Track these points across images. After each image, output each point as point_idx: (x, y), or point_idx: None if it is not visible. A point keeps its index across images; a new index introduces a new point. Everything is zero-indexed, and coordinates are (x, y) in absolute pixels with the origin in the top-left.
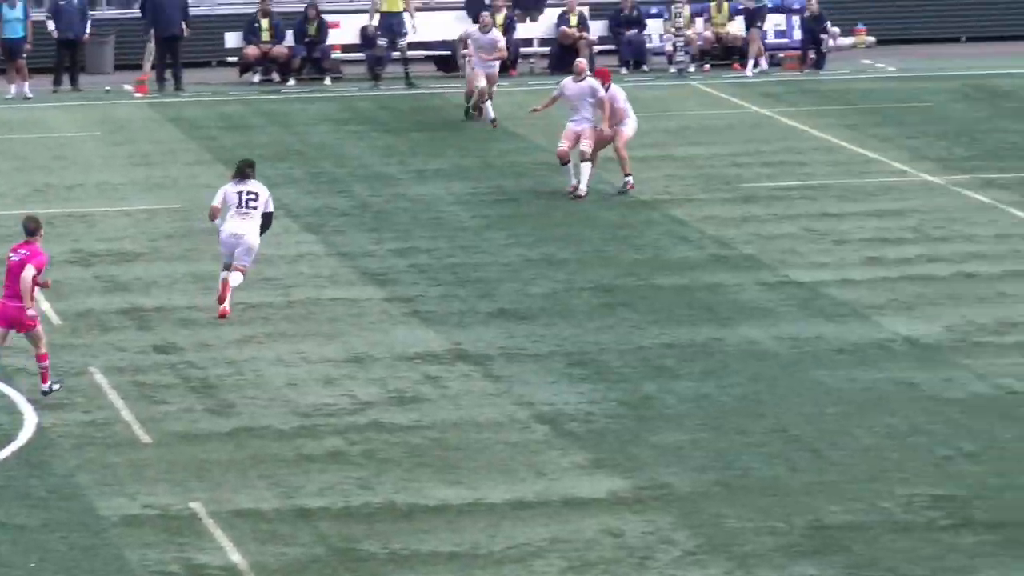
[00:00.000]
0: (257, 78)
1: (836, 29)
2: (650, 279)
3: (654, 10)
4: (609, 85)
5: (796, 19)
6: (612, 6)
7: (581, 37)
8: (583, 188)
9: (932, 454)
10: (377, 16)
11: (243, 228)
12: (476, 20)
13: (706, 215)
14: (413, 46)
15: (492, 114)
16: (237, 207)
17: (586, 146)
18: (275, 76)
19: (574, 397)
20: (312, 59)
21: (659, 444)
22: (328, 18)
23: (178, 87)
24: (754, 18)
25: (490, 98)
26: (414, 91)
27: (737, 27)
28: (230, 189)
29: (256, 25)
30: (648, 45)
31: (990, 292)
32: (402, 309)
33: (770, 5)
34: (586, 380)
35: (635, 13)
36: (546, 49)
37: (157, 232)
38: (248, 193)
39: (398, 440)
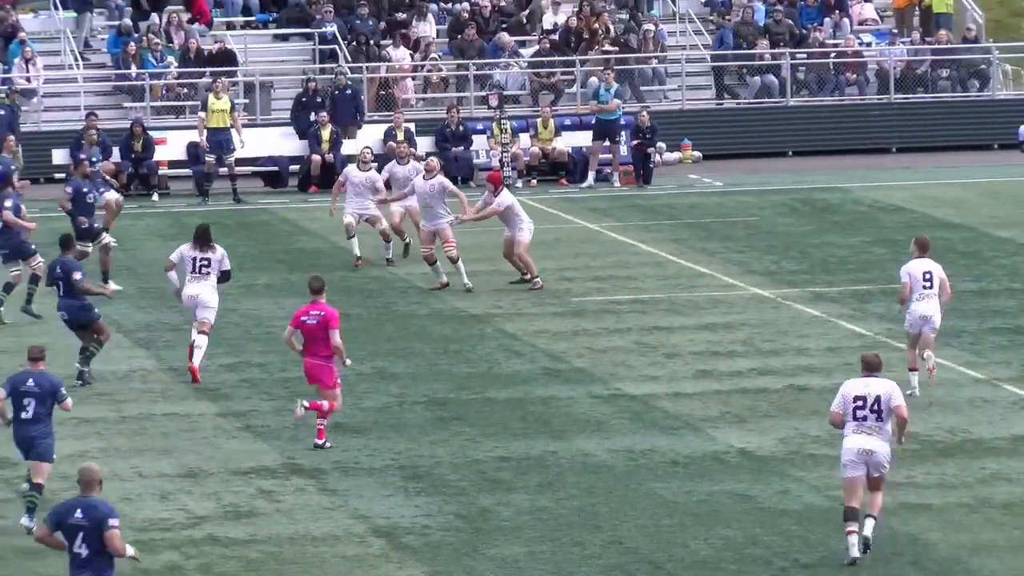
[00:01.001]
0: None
1: (663, 145)
2: (484, 392)
3: (480, 126)
4: (500, 190)
5: (625, 134)
6: (438, 122)
7: (410, 152)
8: (467, 283)
9: (769, 566)
10: (205, 132)
11: (198, 290)
12: (302, 136)
13: (537, 329)
14: (240, 162)
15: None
16: (192, 271)
17: (451, 250)
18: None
19: (410, 511)
20: (139, 175)
21: (496, 557)
22: (154, 134)
23: None
24: (608, 132)
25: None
26: (242, 206)
27: (563, 143)
28: (187, 252)
29: (82, 142)
30: (475, 161)
31: (822, 405)
32: (235, 423)
33: (624, 122)
34: (422, 493)
35: (461, 129)
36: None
37: None
38: (202, 259)
39: (234, 554)
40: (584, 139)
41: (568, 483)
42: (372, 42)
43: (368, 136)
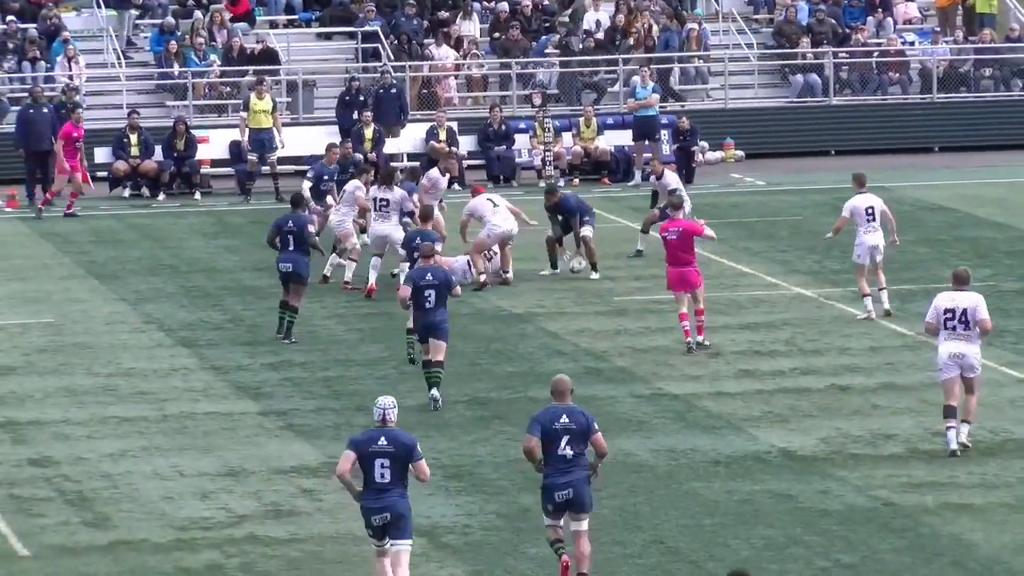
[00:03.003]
0: (127, 193)
1: (705, 144)
2: (526, 392)
3: (522, 125)
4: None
5: (666, 134)
6: (480, 121)
7: (451, 152)
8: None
9: (810, 566)
10: (247, 131)
11: (386, 229)
12: (345, 135)
13: (579, 328)
14: (283, 160)
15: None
16: (376, 210)
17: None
18: (145, 191)
19: (451, 510)
20: (181, 173)
21: (537, 556)
22: (197, 133)
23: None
24: (648, 131)
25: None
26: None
27: (605, 142)
28: (373, 193)
29: (125, 140)
30: (517, 160)
31: (864, 404)
32: (277, 423)
33: (665, 120)
34: (463, 492)
35: (503, 128)
36: (416, 163)
37: (30, 346)
38: (381, 200)
39: (275, 553)
40: (627, 138)
41: (610, 482)
42: (415, 41)
43: (411, 135)
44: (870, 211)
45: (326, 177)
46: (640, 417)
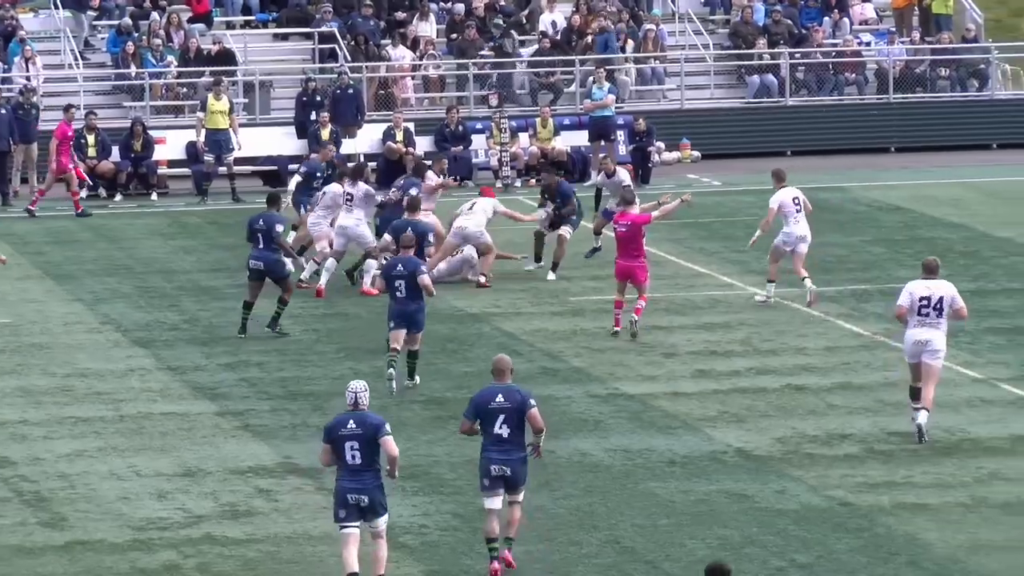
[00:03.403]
0: (84, 193)
1: (661, 144)
2: None
3: (479, 126)
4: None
5: (622, 134)
6: (437, 121)
7: (408, 152)
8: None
9: (766, 566)
10: (203, 132)
11: (347, 221)
12: (302, 135)
13: (535, 328)
14: (240, 161)
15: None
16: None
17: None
18: (102, 191)
19: (407, 510)
20: (138, 174)
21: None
22: (154, 134)
23: (5, 202)
24: (604, 131)
25: None
26: (241, 206)
27: (562, 142)
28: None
29: (83, 141)
30: (474, 160)
31: (820, 404)
32: (233, 423)
33: (621, 120)
34: (419, 493)
35: (460, 128)
36: (372, 164)
37: None
38: (346, 194)
39: (232, 554)
40: (583, 139)
41: (566, 482)
42: (372, 42)
43: (368, 136)
44: (796, 201)
45: (319, 174)
46: (596, 417)
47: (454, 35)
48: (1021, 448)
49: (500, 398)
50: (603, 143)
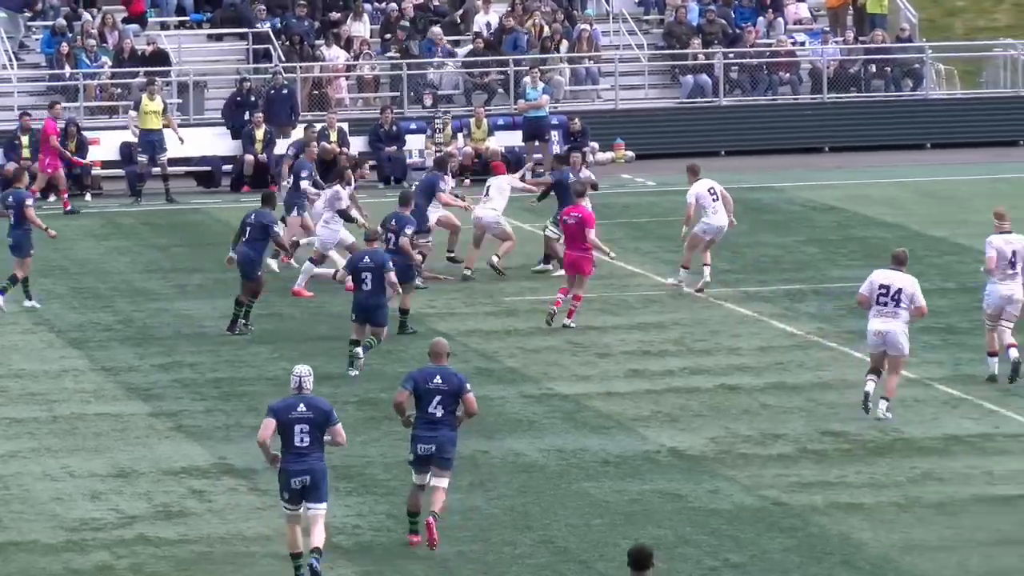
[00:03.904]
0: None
1: (596, 144)
2: None
3: (413, 126)
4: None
5: (556, 134)
6: (371, 122)
7: (342, 152)
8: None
9: (700, 565)
10: (137, 131)
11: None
12: (236, 136)
13: (470, 328)
14: (173, 162)
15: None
16: None
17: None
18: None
19: (341, 511)
20: (73, 175)
21: (427, 557)
22: (88, 135)
23: None
24: (538, 131)
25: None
26: (175, 206)
27: (496, 142)
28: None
29: (16, 142)
30: (408, 161)
31: (753, 404)
32: (167, 424)
33: (555, 121)
34: (353, 493)
35: (394, 129)
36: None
37: None
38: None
39: (165, 554)
40: (517, 139)
41: (499, 483)
42: (306, 42)
43: (302, 136)
44: (713, 191)
45: (308, 173)
46: (530, 417)
47: (388, 35)
48: (954, 448)
49: (438, 379)
50: (537, 143)
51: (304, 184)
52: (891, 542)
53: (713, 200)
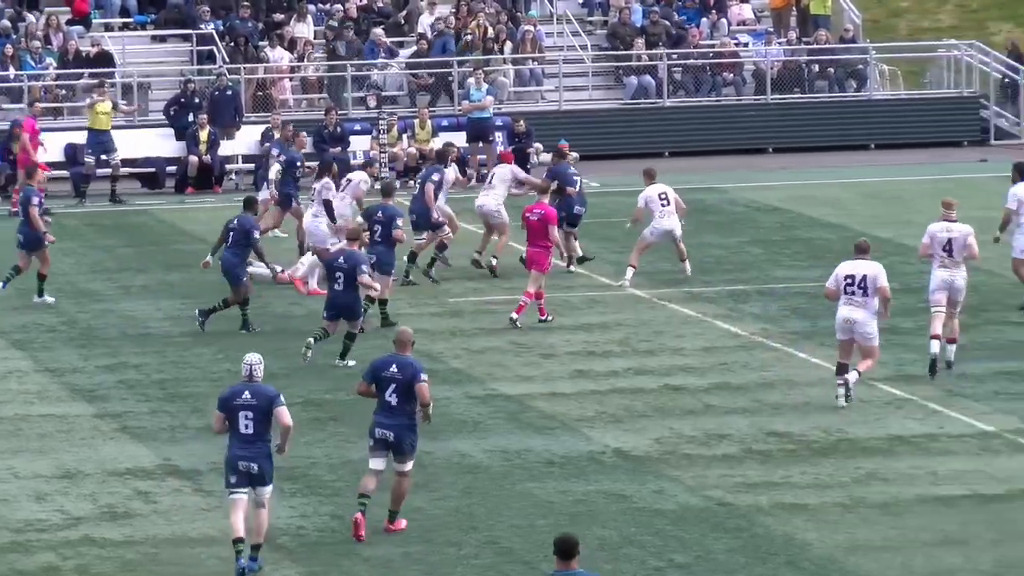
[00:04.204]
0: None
1: (540, 145)
2: None
3: (357, 127)
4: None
5: (501, 135)
6: (316, 123)
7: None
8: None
9: (644, 566)
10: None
11: (306, 218)
12: (180, 137)
13: (414, 328)
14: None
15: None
16: None
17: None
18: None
19: (285, 511)
20: (16, 177)
21: (372, 557)
22: None
23: None
24: (482, 132)
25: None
26: (120, 207)
27: (440, 144)
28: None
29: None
30: (353, 161)
31: (698, 404)
32: (112, 425)
33: (499, 122)
34: (297, 494)
35: (339, 130)
36: (250, 166)
37: None
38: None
39: (111, 555)
40: (461, 140)
41: (444, 484)
42: (250, 43)
43: (246, 137)
44: (663, 196)
45: (299, 163)
46: (474, 418)
47: (335, 35)
48: (899, 448)
49: (394, 368)
50: (481, 144)
51: (274, 171)
52: (836, 542)
53: (663, 205)
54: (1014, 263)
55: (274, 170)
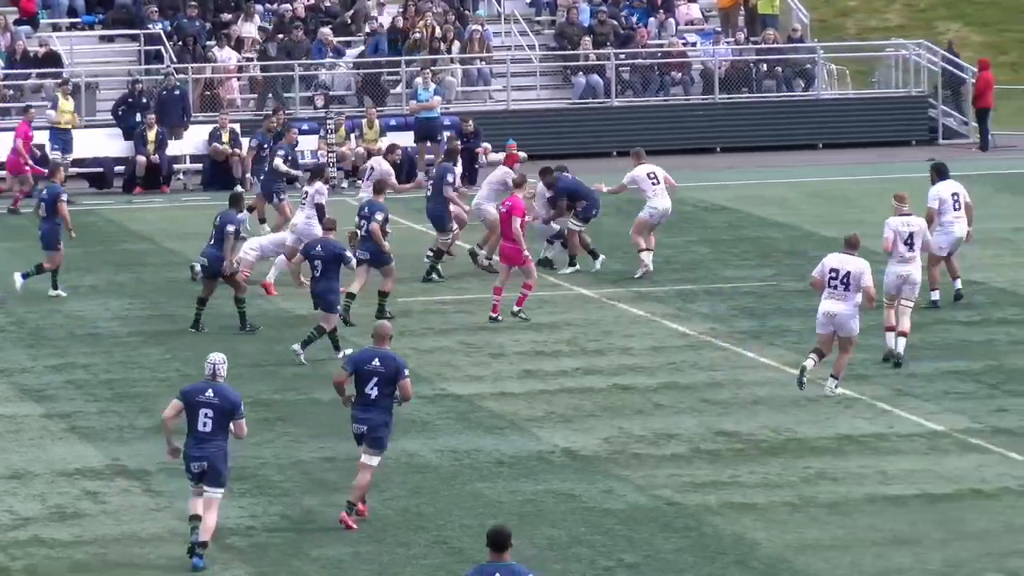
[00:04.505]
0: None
1: (488, 145)
2: (310, 393)
3: (304, 127)
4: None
5: (446, 135)
6: (263, 123)
7: (234, 153)
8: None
9: (593, 566)
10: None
11: (297, 218)
12: (128, 137)
13: (365, 329)
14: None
15: None
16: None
17: None
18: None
19: (235, 512)
20: None
21: (321, 558)
22: None
23: None
24: (430, 132)
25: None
26: (70, 208)
27: (388, 143)
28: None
29: None
30: (301, 161)
31: (646, 404)
32: (61, 425)
33: (447, 121)
34: (247, 494)
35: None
36: (198, 166)
37: None
38: (303, 192)
39: (60, 555)
40: (409, 140)
41: (393, 484)
42: (198, 43)
43: (194, 137)
44: (652, 175)
45: (290, 157)
46: (424, 418)
47: (281, 35)
48: (848, 448)
49: (376, 362)
50: (429, 144)
51: (278, 161)
52: (784, 542)
53: (653, 184)
54: (930, 259)
55: (279, 161)
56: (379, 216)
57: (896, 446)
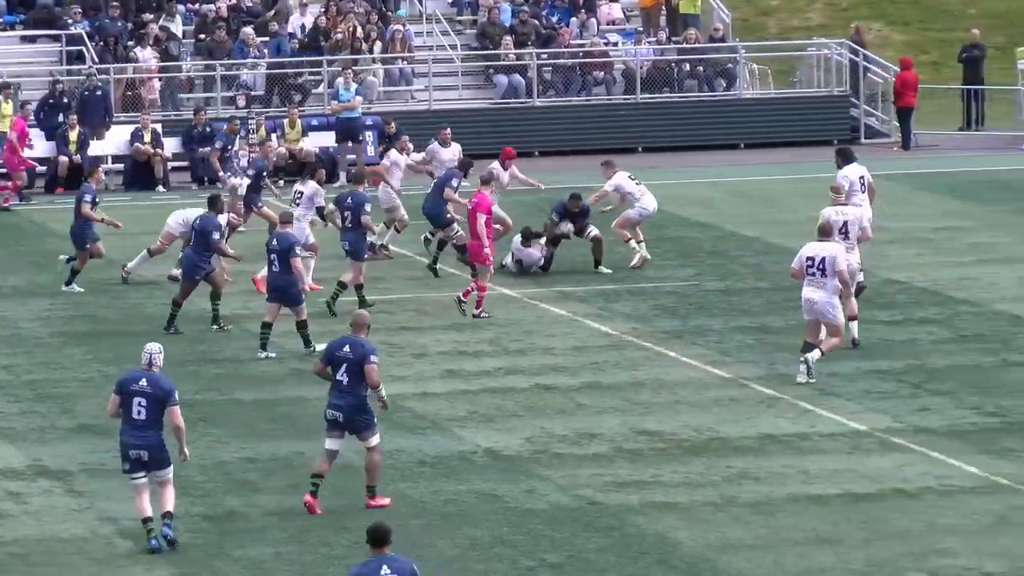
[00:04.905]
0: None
1: (411, 145)
2: (231, 393)
3: (226, 127)
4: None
5: (371, 135)
6: (185, 123)
7: (156, 154)
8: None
9: (516, 566)
10: None
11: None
12: (50, 137)
13: (286, 329)
14: None
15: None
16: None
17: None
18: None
19: (157, 512)
20: None
21: (243, 558)
22: None
23: None
24: (351, 132)
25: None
26: None
27: (310, 143)
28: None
29: None
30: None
31: (569, 404)
32: None
33: (369, 121)
34: None
35: (207, 130)
36: (120, 166)
37: None
38: (297, 192)
39: None
40: (331, 140)
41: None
42: (119, 43)
43: (116, 137)
44: (634, 177)
45: (265, 173)
46: None
47: (202, 36)
48: (770, 447)
49: (346, 348)
50: (351, 144)
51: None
52: (707, 541)
53: (636, 184)
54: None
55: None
56: (368, 207)
57: (818, 445)
